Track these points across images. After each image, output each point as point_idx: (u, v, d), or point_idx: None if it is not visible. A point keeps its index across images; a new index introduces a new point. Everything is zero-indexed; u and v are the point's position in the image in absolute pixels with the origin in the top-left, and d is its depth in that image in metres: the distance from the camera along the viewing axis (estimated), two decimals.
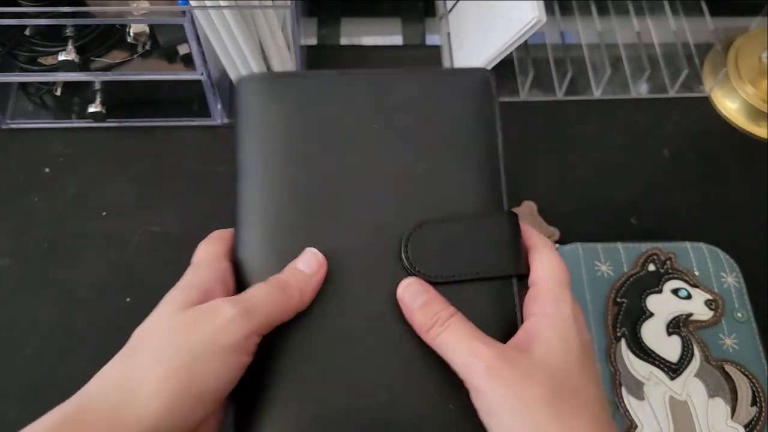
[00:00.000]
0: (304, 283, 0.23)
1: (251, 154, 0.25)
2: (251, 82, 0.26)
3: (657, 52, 0.47)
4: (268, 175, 0.25)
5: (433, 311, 0.22)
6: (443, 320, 0.22)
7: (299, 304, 0.22)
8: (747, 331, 0.35)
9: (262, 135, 0.25)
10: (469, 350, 0.21)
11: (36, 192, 0.41)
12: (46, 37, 0.40)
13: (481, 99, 0.26)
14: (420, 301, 0.23)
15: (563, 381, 0.21)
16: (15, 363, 0.36)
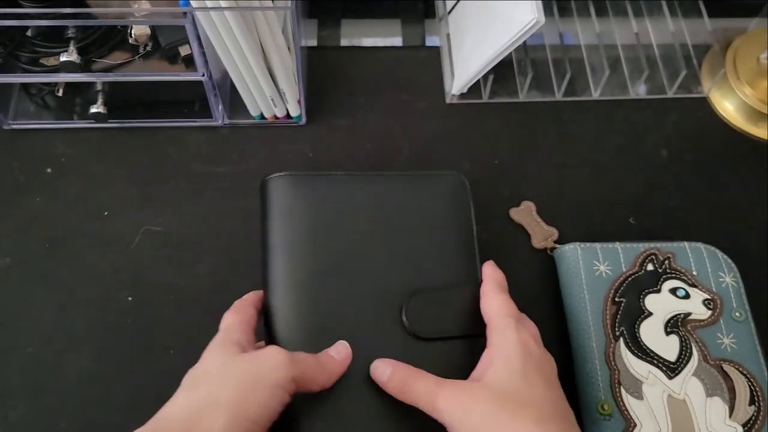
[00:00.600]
0: (334, 367, 0.28)
1: (279, 237, 0.33)
2: (279, 180, 0.34)
3: (655, 53, 0.47)
4: (293, 253, 0.32)
5: (400, 375, 0.29)
6: (411, 377, 0.28)
7: (326, 383, 0.28)
8: (745, 331, 0.35)
9: (288, 222, 0.33)
10: (428, 393, 0.27)
11: (38, 192, 0.41)
12: (48, 38, 0.40)
13: (459, 195, 0.35)
14: (388, 372, 0.29)
15: (507, 394, 0.27)
16: (16, 362, 0.36)
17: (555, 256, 0.39)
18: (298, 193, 0.34)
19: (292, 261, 0.32)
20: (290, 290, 0.31)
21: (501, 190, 0.42)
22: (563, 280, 0.38)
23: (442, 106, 0.46)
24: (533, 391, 0.27)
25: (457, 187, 0.35)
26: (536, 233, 0.41)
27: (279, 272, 0.32)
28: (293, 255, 0.32)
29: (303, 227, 0.33)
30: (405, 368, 0.29)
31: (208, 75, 0.40)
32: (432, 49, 0.49)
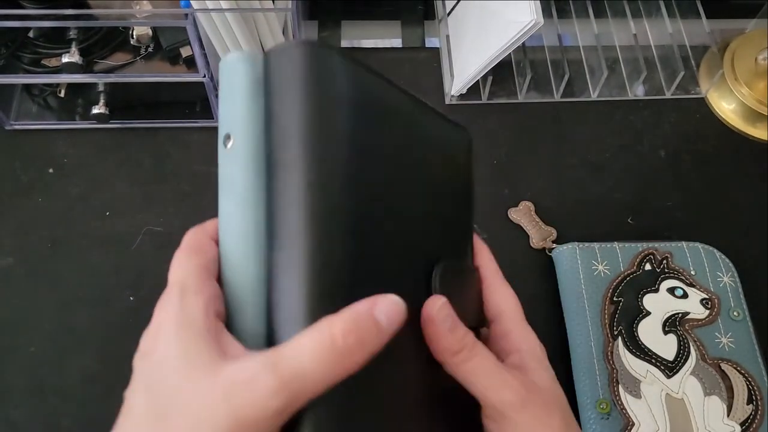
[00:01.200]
0: (375, 342, 0.18)
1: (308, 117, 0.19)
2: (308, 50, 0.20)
3: (653, 54, 0.48)
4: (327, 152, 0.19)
5: (461, 334, 0.22)
6: (471, 346, 0.22)
7: (362, 365, 0.18)
8: (743, 330, 0.35)
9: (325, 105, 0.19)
10: (501, 380, 0.22)
11: (40, 192, 0.42)
12: (50, 39, 0.40)
13: (466, 159, 0.27)
14: (450, 323, 0.22)
15: (564, 406, 0.23)
16: (18, 362, 0.36)
17: (553, 256, 0.39)
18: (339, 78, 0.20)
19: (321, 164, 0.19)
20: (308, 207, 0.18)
21: (500, 190, 0.42)
22: (562, 279, 0.38)
23: (442, 107, 0.46)
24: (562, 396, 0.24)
25: (466, 146, 0.27)
26: (535, 233, 0.41)
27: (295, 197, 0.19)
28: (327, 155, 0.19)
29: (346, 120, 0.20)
30: (464, 330, 0.22)
31: (209, 76, 0.40)
32: (431, 50, 0.49)
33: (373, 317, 0.18)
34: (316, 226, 0.18)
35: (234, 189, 0.20)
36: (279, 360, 0.17)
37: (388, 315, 0.18)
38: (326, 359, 0.17)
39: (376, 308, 0.18)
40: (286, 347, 0.17)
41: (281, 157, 0.19)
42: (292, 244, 0.18)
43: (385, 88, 0.23)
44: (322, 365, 0.17)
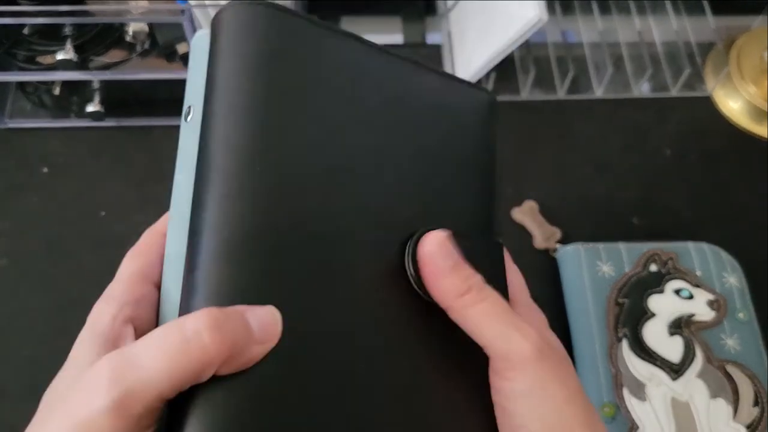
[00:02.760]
0: (242, 342, 0.16)
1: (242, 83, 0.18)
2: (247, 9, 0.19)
3: (659, 52, 0.47)
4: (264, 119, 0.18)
5: (467, 273, 0.19)
6: (479, 288, 0.19)
7: (219, 367, 0.16)
8: (749, 332, 0.35)
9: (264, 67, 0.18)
10: (515, 327, 0.19)
11: (34, 192, 0.41)
12: (45, 36, 0.40)
13: (486, 120, 0.24)
14: (452, 261, 0.19)
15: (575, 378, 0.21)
16: (13, 364, 0.36)
17: (557, 256, 0.39)
18: (286, 39, 0.19)
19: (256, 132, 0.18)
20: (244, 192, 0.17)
21: (503, 190, 0.42)
22: (566, 280, 0.37)
23: None
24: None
25: (486, 107, 0.25)
26: (538, 233, 0.40)
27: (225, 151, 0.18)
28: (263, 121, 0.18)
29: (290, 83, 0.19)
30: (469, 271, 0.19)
31: None
32: (433, 47, 0.48)
33: (242, 317, 0.16)
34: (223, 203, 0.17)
35: (185, 160, 0.19)
36: (119, 353, 0.16)
37: (261, 321, 0.16)
38: (171, 351, 0.15)
39: (247, 312, 0.16)
40: (136, 342, 0.16)
41: (205, 123, 0.18)
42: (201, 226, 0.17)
43: (345, 47, 0.21)
44: (164, 357, 0.15)
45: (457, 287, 0.19)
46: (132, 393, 0.15)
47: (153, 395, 0.15)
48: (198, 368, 0.15)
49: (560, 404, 0.19)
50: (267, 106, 0.18)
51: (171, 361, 0.15)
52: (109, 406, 0.15)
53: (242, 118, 0.18)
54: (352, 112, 0.20)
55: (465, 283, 0.19)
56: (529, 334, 0.19)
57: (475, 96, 0.24)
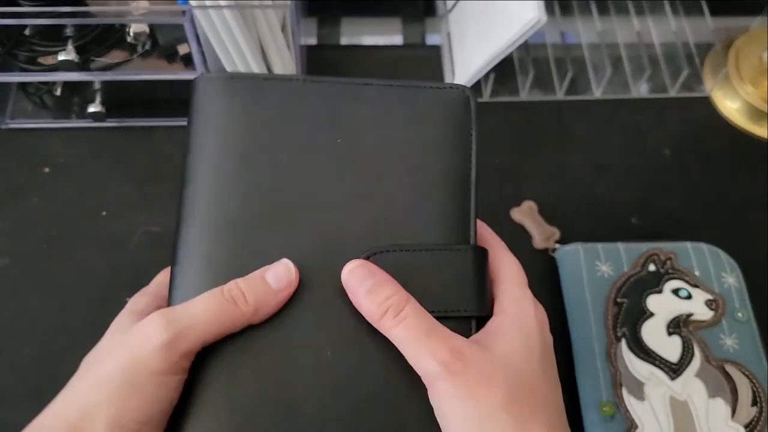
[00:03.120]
0: (264, 297, 0.21)
1: (203, 158, 0.23)
2: (211, 82, 0.24)
3: (657, 52, 0.47)
4: (219, 181, 0.23)
5: (383, 297, 0.21)
6: (396, 308, 0.21)
7: (251, 319, 0.21)
8: (747, 332, 0.35)
9: (217, 139, 0.23)
10: (426, 346, 0.20)
11: (35, 192, 0.41)
12: (46, 37, 0.40)
13: (458, 121, 0.24)
14: (368, 284, 0.21)
15: (524, 382, 0.20)
16: (14, 363, 0.36)
17: (556, 256, 0.39)
18: (233, 104, 0.23)
19: (217, 190, 0.23)
20: (206, 236, 0.22)
21: (502, 190, 0.42)
22: (565, 280, 0.38)
23: None
24: (549, 388, 0.21)
25: (458, 107, 0.24)
26: (537, 233, 0.40)
27: (194, 211, 0.23)
28: (221, 183, 0.23)
29: (238, 147, 0.23)
30: (392, 288, 0.21)
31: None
32: (432, 47, 0.48)
33: (262, 278, 0.21)
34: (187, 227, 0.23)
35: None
36: (171, 310, 0.21)
37: (276, 276, 0.21)
38: (211, 306, 0.21)
39: (267, 272, 0.21)
40: (184, 307, 0.21)
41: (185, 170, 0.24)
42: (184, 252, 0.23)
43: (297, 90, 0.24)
44: (207, 311, 0.21)
45: (373, 312, 0.21)
46: (182, 335, 0.20)
47: (198, 338, 0.20)
48: (233, 320, 0.21)
49: (474, 424, 0.19)
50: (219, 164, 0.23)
51: (213, 314, 0.21)
52: (163, 343, 0.20)
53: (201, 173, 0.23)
54: (302, 151, 0.23)
55: (380, 307, 0.21)
56: (437, 352, 0.20)
57: (441, 97, 0.24)
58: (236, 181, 0.23)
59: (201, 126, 0.23)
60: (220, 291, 0.21)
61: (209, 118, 0.23)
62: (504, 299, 0.23)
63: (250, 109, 0.23)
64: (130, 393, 0.20)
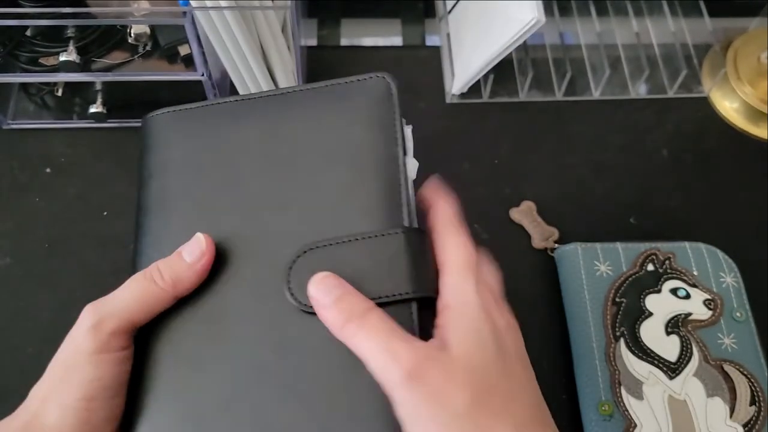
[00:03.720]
0: (180, 272, 0.23)
1: (150, 188, 0.26)
2: (153, 119, 0.27)
3: (656, 53, 0.47)
4: (163, 209, 0.25)
5: (347, 306, 0.21)
6: (359, 315, 0.20)
7: (173, 293, 0.23)
8: (746, 331, 0.35)
9: (161, 170, 0.26)
10: (390, 352, 0.19)
11: (37, 192, 0.41)
12: (47, 38, 0.40)
13: (381, 108, 0.25)
14: (333, 296, 0.21)
15: (483, 380, 0.19)
16: (16, 363, 0.36)
17: (555, 256, 0.39)
18: (176, 134, 0.26)
19: (160, 221, 0.25)
20: (157, 252, 0.25)
21: (501, 190, 0.42)
22: (564, 280, 0.38)
23: (442, 106, 0.46)
24: (513, 379, 0.20)
25: (381, 95, 0.25)
26: (536, 233, 0.40)
27: (146, 237, 0.25)
28: (164, 214, 0.25)
29: (179, 178, 0.25)
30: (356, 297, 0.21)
31: (208, 75, 0.40)
32: (432, 48, 0.48)
33: (178, 254, 0.23)
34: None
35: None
36: (100, 304, 0.23)
37: (190, 250, 0.23)
38: (134, 288, 0.23)
39: (182, 249, 0.24)
40: (112, 293, 0.24)
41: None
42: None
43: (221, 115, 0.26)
44: (129, 292, 0.23)
45: (337, 319, 0.21)
46: (107, 315, 0.23)
47: (123, 317, 0.23)
48: (155, 297, 0.23)
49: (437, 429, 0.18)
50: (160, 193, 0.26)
51: (135, 293, 0.23)
52: (91, 325, 0.22)
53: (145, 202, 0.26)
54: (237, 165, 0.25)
55: (343, 315, 0.21)
56: (400, 358, 0.19)
57: (361, 89, 0.25)
58: (180, 207, 0.25)
59: (149, 161, 0.26)
60: (142, 274, 0.24)
61: (156, 153, 0.26)
62: (445, 292, 0.22)
63: (190, 137, 0.26)
64: (70, 375, 0.22)
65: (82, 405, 0.22)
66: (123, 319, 0.23)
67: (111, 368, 0.22)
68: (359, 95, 0.25)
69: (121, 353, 0.23)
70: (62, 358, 0.23)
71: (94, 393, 0.22)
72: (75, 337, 0.23)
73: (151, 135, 0.27)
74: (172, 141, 0.26)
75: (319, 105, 0.25)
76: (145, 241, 0.25)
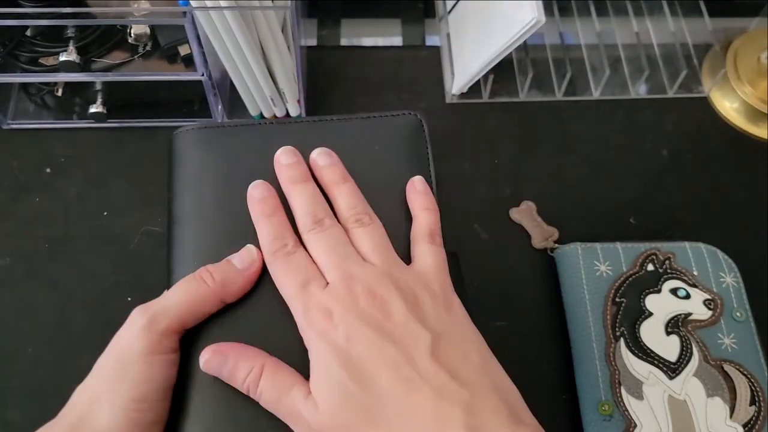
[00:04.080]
0: (230, 275, 0.23)
1: (184, 202, 0.27)
2: (183, 134, 0.28)
3: (656, 53, 0.47)
4: (199, 221, 0.26)
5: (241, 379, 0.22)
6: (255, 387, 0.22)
7: (221, 295, 0.23)
8: (746, 331, 0.35)
9: (195, 184, 0.27)
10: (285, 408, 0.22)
11: (37, 192, 0.41)
12: (47, 38, 0.40)
13: (413, 142, 0.27)
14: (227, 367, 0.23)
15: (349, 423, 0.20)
16: (16, 363, 0.36)
17: (555, 256, 0.39)
18: (209, 151, 0.27)
19: (196, 239, 0.26)
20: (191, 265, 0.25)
21: (501, 190, 0.42)
22: (563, 280, 0.38)
23: (442, 106, 0.46)
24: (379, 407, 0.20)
25: (413, 130, 0.28)
26: (536, 233, 0.40)
27: (181, 248, 0.26)
28: (199, 230, 0.26)
29: (212, 193, 0.27)
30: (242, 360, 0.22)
31: (208, 75, 0.40)
32: (432, 48, 0.48)
33: (228, 261, 0.24)
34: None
35: None
36: (151, 305, 0.23)
37: (240, 258, 0.24)
38: (183, 289, 0.23)
39: (234, 256, 0.24)
40: (164, 294, 0.24)
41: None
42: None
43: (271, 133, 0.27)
44: (179, 293, 0.23)
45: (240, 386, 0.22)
46: (158, 315, 0.23)
47: (174, 317, 0.23)
48: (204, 297, 0.23)
49: None
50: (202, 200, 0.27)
51: (185, 294, 0.23)
52: (142, 326, 0.22)
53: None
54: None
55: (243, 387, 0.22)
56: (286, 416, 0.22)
57: (395, 124, 0.28)
58: (216, 219, 0.26)
59: (183, 175, 0.27)
60: (191, 276, 0.24)
61: (189, 168, 0.27)
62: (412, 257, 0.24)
63: (223, 154, 0.27)
64: (122, 376, 0.22)
65: (134, 406, 0.22)
66: (173, 318, 0.23)
67: (162, 370, 0.22)
68: (394, 128, 0.28)
69: (171, 356, 0.23)
70: (113, 358, 0.23)
71: (145, 394, 0.22)
72: (126, 338, 0.23)
73: (182, 149, 0.28)
74: (204, 156, 0.27)
75: (355, 134, 0.27)
76: (181, 251, 0.26)
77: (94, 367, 0.23)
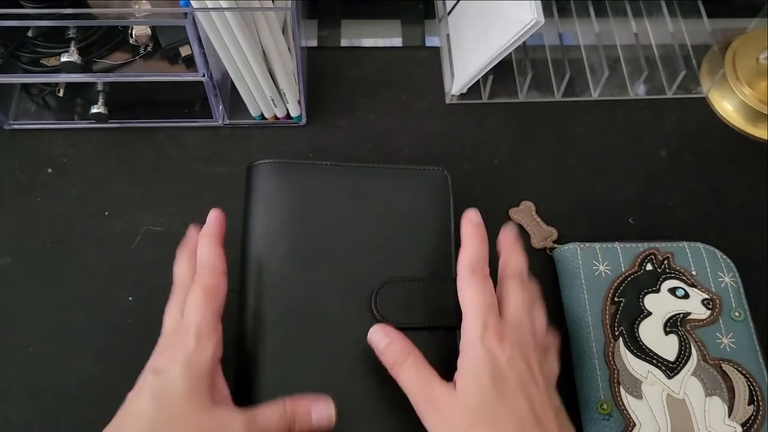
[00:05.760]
0: (303, 424, 0.27)
1: (258, 224, 0.34)
2: (260, 167, 0.35)
3: (655, 54, 0.47)
4: (272, 241, 0.33)
5: (394, 351, 0.29)
6: (400, 361, 0.28)
7: (287, 426, 0.27)
8: (744, 331, 0.35)
9: (270, 209, 0.34)
10: (418, 385, 0.28)
11: (38, 192, 0.41)
12: (49, 39, 0.40)
13: (439, 192, 0.36)
14: (384, 343, 0.29)
15: (478, 414, 0.26)
16: (17, 362, 0.36)
17: (554, 255, 0.39)
18: (280, 181, 0.35)
19: (269, 249, 0.33)
20: (265, 278, 0.32)
21: (500, 190, 0.42)
22: (562, 279, 0.38)
23: (442, 107, 0.46)
24: (507, 408, 0.26)
25: (439, 182, 0.36)
26: (535, 233, 0.41)
27: (255, 260, 0.33)
28: (271, 243, 0.33)
29: (282, 215, 0.34)
30: (400, 345, 0.29)
31: (209, 75, 0.40)
32: (432, 49, 0.49)
33: (308, 412, 0.28)
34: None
35: None
36: (252, 418, 0.27)
37: (318, 413, 0.28)
38: (279, 424, 0.27)
39: (313, 407, 0.28)
40: (257, 411, 0.27)
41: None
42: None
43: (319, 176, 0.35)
44: (273, 423, 0.27)
45: (387, 361, 0.29)
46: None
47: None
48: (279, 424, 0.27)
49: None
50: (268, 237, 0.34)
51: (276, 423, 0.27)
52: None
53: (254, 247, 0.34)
54: (334, 218, 0.34)
55: (390, 359, 0.29)
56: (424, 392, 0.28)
57: (427, 175, 0.36)
58: (287, 239, 0.33)
59: (260, 201, 0.34)
60: (283, 408, 0.27)
61: (266, 195, 0.35)
62: (462, 336, 0.29)
63: (293, 186, 0.35)
64: None
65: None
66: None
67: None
68: (425, 179, 0.36)
69: None
70: None
71: None
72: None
73: (258, 178, 0.35)
74: (277, 186, 0.34)
75: (394, 181, 0.36)
76: (255, 266, 0.33)
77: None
